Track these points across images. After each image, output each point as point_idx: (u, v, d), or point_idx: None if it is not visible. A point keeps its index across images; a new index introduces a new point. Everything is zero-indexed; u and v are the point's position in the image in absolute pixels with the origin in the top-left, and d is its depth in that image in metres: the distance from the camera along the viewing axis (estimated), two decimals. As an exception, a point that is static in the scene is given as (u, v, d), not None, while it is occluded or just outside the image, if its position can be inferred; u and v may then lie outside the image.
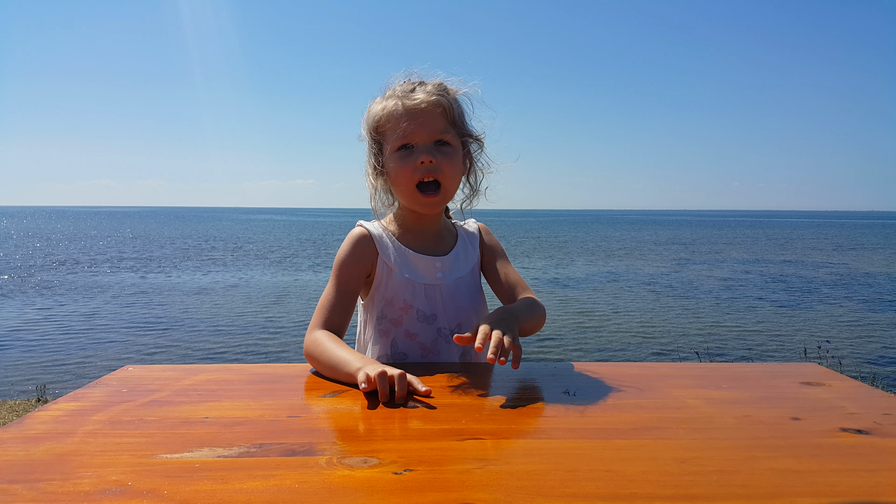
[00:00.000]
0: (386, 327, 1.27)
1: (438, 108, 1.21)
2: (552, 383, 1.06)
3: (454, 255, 1.32)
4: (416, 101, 1.20)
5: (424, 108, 1.20)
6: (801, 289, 13.81)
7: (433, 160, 1.20)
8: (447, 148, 1.23)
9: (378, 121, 1.25)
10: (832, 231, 51.99)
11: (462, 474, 0.67)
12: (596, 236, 40.42)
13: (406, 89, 1.23)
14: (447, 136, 1.23)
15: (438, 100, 1.22)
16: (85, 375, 6.27)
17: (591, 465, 0.70)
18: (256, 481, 0.64)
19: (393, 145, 1.22)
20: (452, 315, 1.29)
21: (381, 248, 1.28)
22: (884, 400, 0.97)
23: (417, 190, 1.22)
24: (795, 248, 28.20)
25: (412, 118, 1.20)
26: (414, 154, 1.21)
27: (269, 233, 41.56)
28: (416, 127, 1.20)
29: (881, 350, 7.80)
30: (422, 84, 1.25)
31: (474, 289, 1.34)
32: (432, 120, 1.21)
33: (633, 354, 7.54)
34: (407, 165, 1.21)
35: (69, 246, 26.44)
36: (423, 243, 1.31)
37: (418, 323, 1.26)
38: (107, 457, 0.71)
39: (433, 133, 1.21)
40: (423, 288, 1.27)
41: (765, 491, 0.64)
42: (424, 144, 1.21)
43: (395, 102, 1.22)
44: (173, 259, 20.41)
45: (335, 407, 0.93)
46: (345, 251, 1.27)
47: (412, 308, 1.26)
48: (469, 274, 1.33)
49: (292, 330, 8.86)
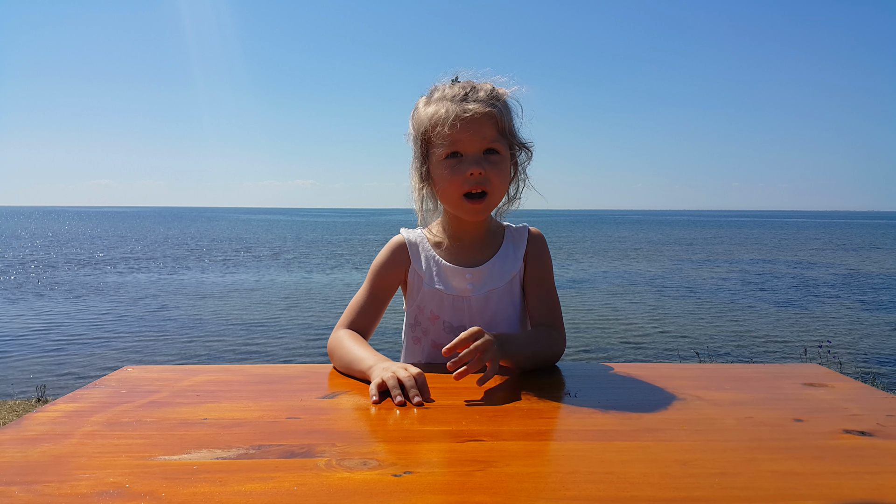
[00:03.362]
0: (418, 335, 1.29)
1: (490, 118, 1.18)
2: (552, 385, 1.06)
3: (489, 266, 1.27)
4: (469, 109, 1.16)
5: (476, 116, 1.16)
6: (801, 289, 13.81)
7: (483, 172, 1.17)
8: (496, 157, 1.19)
9: (426, 126, 1.20)
10: (832, 231, 52.01)
11: (462, 476, 0.66)
12: (596, 236, 40.44)
13: (457, 94, 1.19)
14: (497, 144, 1.19)
15: (490, 109, 1.17)
16: (85, 376, 6.27)
17: (591, 466, 0.70)
18: (255, 483, 0.64)
19: (441, 153, 1.19)
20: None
21: (414, 257, 1.28)
22: (886, 401, 0.96)
23: (464, 198, 1.20)
24: (796, 248, 28.21)
25: (463, 127, 1.15)
26: (463, 164, 1.17)
27: (270, 233, 41.58)
28: (466, 136, 1.16)
29: (882, 350, 7.80)
30: (473, 90, 1.20)
31: (509, 302, 1.28)
32: (483, 129, 1.17)
33: (634, 355, 7.54)
34: (456, 176, 1.18)
35: (69, 246, 26.45)
36: (459, 253, 1.28)
37: (445, 334, 1.25)
38: (105, 458, 0.70)
39: (483, 142, 1.18)
40: (451, 299, 1.25)
41: (767, 493, 0.63)
42: (474, 154, 1.18)
43: (446, 109, 1.17)
44: (173, 259, 20.41)
45: (334, 408, 0.92)
46: (381, 257, 1.30)
47: (439, 319, 1.26)
48: (506, 286, 1.27)
49: (293, 331, 8.86)
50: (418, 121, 1.23)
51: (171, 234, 37.78)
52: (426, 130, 1.21)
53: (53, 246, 26.51)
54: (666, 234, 43.21)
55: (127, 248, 25.25)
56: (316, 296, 12.36)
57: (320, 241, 33.05)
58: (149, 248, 25.37)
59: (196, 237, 34.96)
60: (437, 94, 1.22)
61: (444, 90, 1.21)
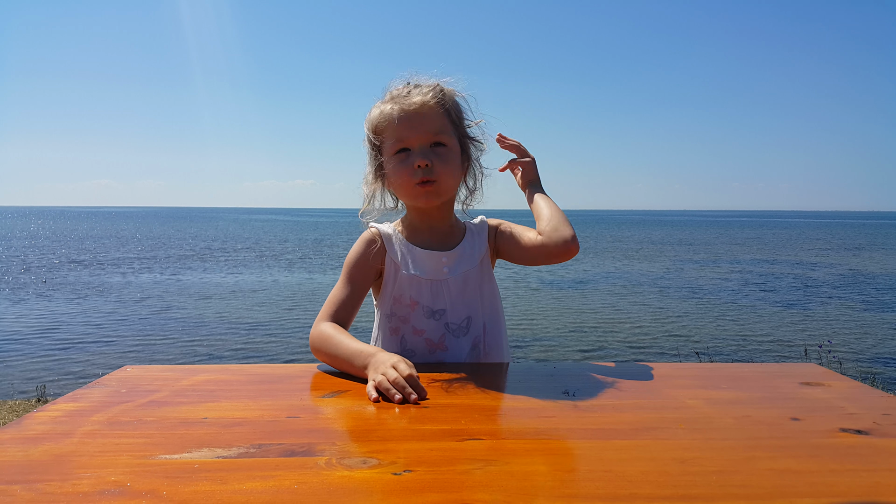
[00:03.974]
0: (395, 325, 1.29)
1: (433, 110, 1.23)
2: (551, 383, 1.06)
3: (461, 249, 1.32)
4: (412, 103, 1.22)
5: (419, 110, 1.21)
6: (801, 289, 13.81)
7: (429, 163, 1.22)
8: (442, 149, 1.24)
9: (376, 125, 1.26)
10: (832, 231, 51.98)
11: (461, 475, 0.67)
12: (598, 236, 40.41)
13: (402, 92, 1.25)
14: (442, 136, 1.24)
15: (433, 101, 1.23)
16: (85, 376, 6.27)
17: (590, 465, 0.70)
18: (255, 482, 0.64)
19: (391, 148, 1.24)
20: (461, 309, 1.29)
21: (389, 247, 1.30)
22: (883, 400, 0.97)
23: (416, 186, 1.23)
24: (796, 248, 28.20)
25: (408, 121, 1.21)
26: (411, 157, 1.23)
27: (270, 233, 41.55)
28: (411, 130, 1.22)
29: (881, 350, 7.80)
30: (417, 87, 1.26)
31: (484, 281, 1.33)
32: (427, 122, 1.22)
33: (633, 354, 7.54)
34: (405, 168, 1.23)
35: (69, 246, 26.44)
36: (430, 240, 1.32)
37: (425, 319, 1.27)
38: (106, 457, 0.71)
39: (428, 135, 1.23)
40: (428, 284, 1.28)
41: (764, 491, 0.64)
42: (420, 147, 1.23)
43: (391, 106, 1.23)
44: (173, 259, 20.41)
45: (334, 407, 0.93)
46: (355, 251, 1.31)
47: (418, 304, 1.27)
48: (478, 266, 1.32)
49: (293, 331, 8.86)
50: (369, 122, 1.29)
51: (171, 235, 37.77)
52: (376, 130, 1.26)
53: (53, 246, 26.50)
54: (667, 234, 43.19)
55: (127, 249, 25.24)
56: (318, 296, 12.36)
57: (321, 241, 33.04)
58: (149, 249, 25.37)
59: (196, 237, 34.94)
60: (387, 96, 1.28)
61: (392, 92, 1.27)
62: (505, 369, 1.20)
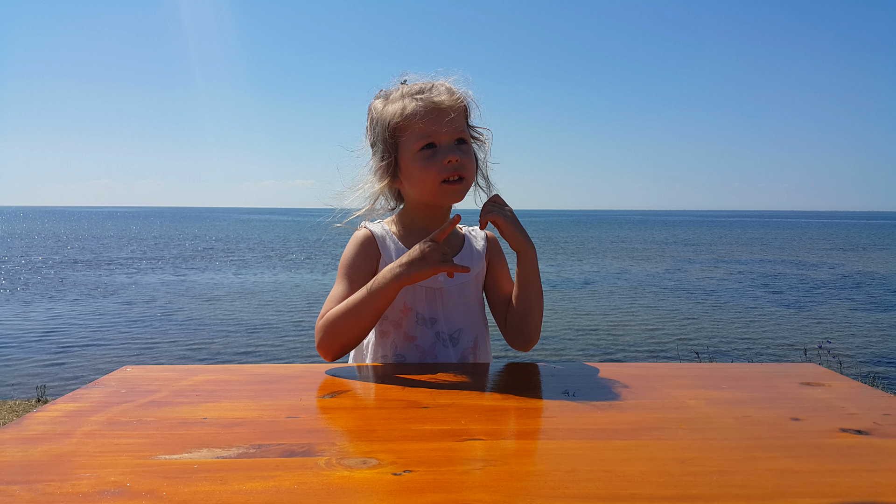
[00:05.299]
0: (386, 329, 1.28)
1: (459, 107, 1.23)
2: (552, 383, 1.06)
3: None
4: (439, 100, 1.21)
5: (447, 106, 1.21)
6: (801, 289, 13.80)
7: (459, 159, 1.21)
8: (465, 146, 1.25)
9: (396, 122, 1.23)
10: (832, 231, 51.96)
11: (461, 475, 0.67)
12: (599, 236, 40.40)
13: (423, 88, 1.24)
14: (465, 134, 1.25)
15: (460, 98, 1.24)
16: (85, 376, 6.27)
17: (590, 465, 0.70)
18: (255, 482, 0.64)
19: (415, 145, 1.22)
20: (453, 320, 1.28)
21: (383, 250, 1.28)
22: (883, 400, 0.97)
23: (443, 184, 1.22)
24: (795, 248, 28.19)
25: (436, 117, 1.20)
26: (439, 154, 1.21)
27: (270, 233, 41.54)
28: (439, 126, 1.20)
29: (881, 350, 7.80)
30: (438, 84, 1.25)
31: (477, 296, 1.34)
32: (454, 119, 1.21)
33: (633, 355, 7.54)
34: (433, 165, 1.21)
35: (69, 246, 26.44)
36: None
37: (417, 326, 1.26)
38: (105, 458, 0.71)
39: (456, 132, 1.22)
40: (423, 291, 1.26)
41: (764, 491, 0.63)
42: (447, 143, 1.22)
43: (414, 102, 1.21)
44: (173, 259, 20.41)
45: (334, 407, 0.93)
46: (350, 252, 1.29)
47: (411, 311, 1.26)
48: (473, 280, 1.33)
49: (293, 331, 8.86)
50: (382, 119, 1.25)
51: (172, 235, 37.76)
52: (396, 127, 1.23)
53: (53, 246, 26.50)
54: (668, 235, 43.17)
55: (127, 249, 25.25)
56: (318, 296, 12.36)
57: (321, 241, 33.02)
58: (149, 249, 25.37)
59: (198, 238, 34.94)
60: (397, 93, 1.26)
61: (402, 89, 1.26)
62: (505, 369, 1.20)
